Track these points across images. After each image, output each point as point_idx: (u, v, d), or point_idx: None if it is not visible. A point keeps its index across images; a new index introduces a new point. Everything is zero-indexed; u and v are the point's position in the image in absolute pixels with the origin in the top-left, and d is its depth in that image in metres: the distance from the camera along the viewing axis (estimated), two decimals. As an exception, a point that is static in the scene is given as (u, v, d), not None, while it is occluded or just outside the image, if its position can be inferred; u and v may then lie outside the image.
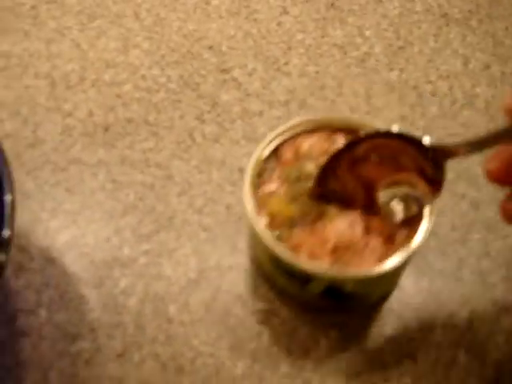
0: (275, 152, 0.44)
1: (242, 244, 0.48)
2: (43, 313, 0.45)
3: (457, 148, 0.38)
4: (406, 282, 0.46)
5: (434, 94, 0.56)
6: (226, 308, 0.45)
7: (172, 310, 0.45)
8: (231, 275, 0.47)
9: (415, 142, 0.39)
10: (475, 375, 0.43)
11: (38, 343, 0.44)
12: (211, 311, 0.45)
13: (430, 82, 0.57)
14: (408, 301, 0.46)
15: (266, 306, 0.45)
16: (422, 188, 0.40)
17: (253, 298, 0.46)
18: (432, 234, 0.48)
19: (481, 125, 0.54)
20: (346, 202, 0.42)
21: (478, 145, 0.36)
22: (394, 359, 0.43)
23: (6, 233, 0.38)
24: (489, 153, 0.36)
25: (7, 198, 0.39)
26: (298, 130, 0.45)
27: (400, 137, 0.40)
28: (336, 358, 0.44)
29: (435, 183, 0.40)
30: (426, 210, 0.41)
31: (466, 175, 0.51)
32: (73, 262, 0.47)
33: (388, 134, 0.40)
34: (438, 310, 0.45)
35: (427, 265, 0.47)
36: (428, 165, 0.39)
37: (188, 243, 0.48)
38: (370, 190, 0.42)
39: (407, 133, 0.39)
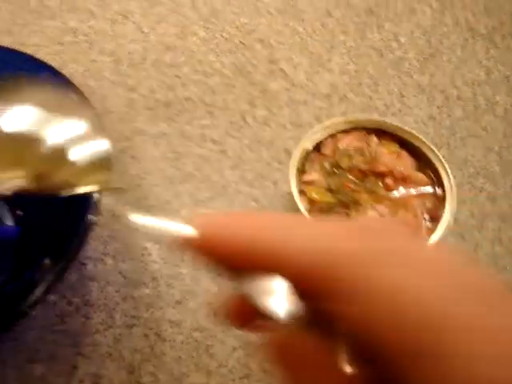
0: (316, 146, 0.51)
1: (287, 215, 0.54)
2: (109, 261, 0.51)
3: None
4: (430, 259, 0.52)
5: (459, 98, 0.62)
6: (272, 269, 0.51)
7: (225, 267, 0.51)
8: (277, 241, 0.53)
9: None
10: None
11: (104, 287, 0.50)
12: (259, 271, 0.51)
13: (456, 87, 0.63)
14: (430, 275, 0.52)
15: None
16: None
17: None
18: (453, 220, 0.54)
19: (500, 129, 0.61)
20: None
21: None
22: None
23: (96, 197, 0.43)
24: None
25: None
26: (338, 128, 0.51)
27: None
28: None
29: None
30: (447, 209, 0.48)
31: (484, 172, 0.58)
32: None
33: None
34: (455, 285, 0.52)
35: (448, 245, 0.53)
36: None
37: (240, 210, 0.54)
38: None
39: None
